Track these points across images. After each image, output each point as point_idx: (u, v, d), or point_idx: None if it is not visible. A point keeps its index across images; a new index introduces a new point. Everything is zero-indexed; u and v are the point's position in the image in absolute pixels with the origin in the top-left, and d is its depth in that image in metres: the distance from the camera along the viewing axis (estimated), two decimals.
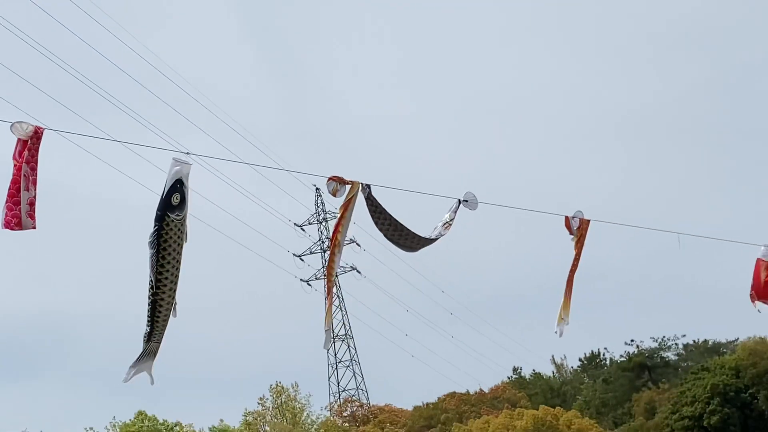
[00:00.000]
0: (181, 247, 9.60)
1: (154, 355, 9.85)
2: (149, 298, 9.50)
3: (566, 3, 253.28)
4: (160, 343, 9.81)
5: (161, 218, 9.30)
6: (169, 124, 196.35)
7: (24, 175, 8.95)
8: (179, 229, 9.46)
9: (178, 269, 9.62)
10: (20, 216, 8.91)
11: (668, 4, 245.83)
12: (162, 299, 9.53)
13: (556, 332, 15.21)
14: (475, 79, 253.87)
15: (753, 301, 16.53)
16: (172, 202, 9.29)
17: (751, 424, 60.41)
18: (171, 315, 9.73)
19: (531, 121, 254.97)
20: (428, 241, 13.14)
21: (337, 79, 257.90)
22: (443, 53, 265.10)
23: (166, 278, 9.47)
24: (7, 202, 8.89)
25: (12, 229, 8.95)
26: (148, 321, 9.59)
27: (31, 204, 9.02)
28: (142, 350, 9.65)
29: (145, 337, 9.61)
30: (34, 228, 9.12)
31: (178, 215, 9.32)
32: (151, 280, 9.40)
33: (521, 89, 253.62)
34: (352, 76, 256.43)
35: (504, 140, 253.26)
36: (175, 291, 9.69)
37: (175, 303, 9.77)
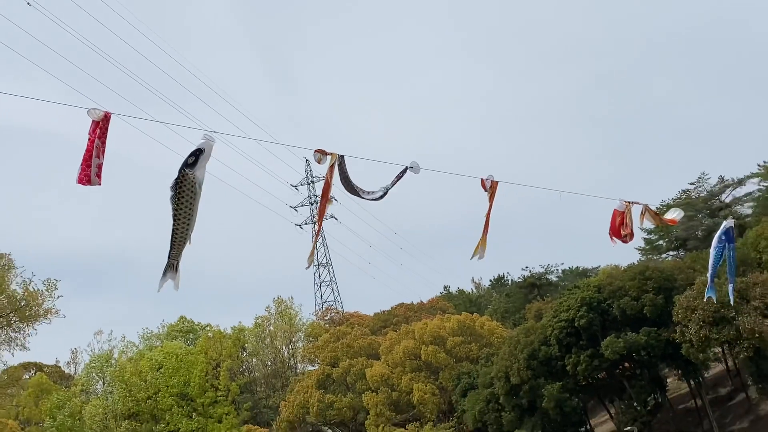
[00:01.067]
0: (195, 194, 9.63)
1: (175, 270, 9.95)
2: (172, 229, 9.71)
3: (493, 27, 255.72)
4: (178, 261, 9.92)
5: (180, 171, 9.45)
6: (199, 111, 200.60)
7: (96, 147, 9.50)
8: (191, 182, 9.46)
9: (190, 210, 9.64)
10: (90, 176, 9.50)
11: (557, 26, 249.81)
12: (177, 229, 9.68)
13: (471, 260, 15.14)
14: (426, 80, 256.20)
15: (612, 239, 16.12)
16: (188, 161, 9.40)
17: (608, 325, 64.04)
18: (186, 242, 9.82)
19: (468, 111, 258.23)
20: (377, 197, 12.73)
21: (321, 78, 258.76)
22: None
23: (180, 215, 9.60)
24: (81, 165, 9.47)
25: (84, 185, 9.53)
26: (170, 245, 9.81)
27: (99, 167, 9.57)
28: (165, 266, 9.89)
29: (168, 256, 9.85)
30: (100, 185, 9.67)
31: (190, 171, 9.37)
32: (172, 215, 9.62)
33: (460, 93, 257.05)
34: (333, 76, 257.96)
35: (449, 125, 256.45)
36: (188, 225, 9.74)
37: (190, 234, 9.81)
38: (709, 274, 19.70)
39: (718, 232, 18.27)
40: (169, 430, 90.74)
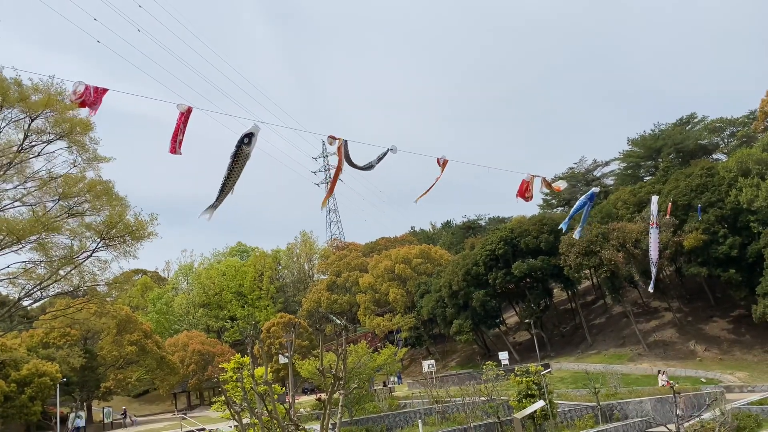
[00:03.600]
0: (243, 163, 9.42)
1: (215, 209, 9.59)
2: (221, 182, 9.43)
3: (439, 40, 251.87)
4: (219, 204, 9.56)
5: (237, 146, 9.29)
6: (249, 104, 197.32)
7: (180, 129, 9.36)
8: (245, 154, 9.31)
9: (239, 173, 9.41)
10: (175, 147, 9.44)
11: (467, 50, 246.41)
12: (227, 184, 9.40)
13: (415, 200, 15.20)
14: (406, 86, 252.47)
15: (518, 197, 15.79)
16: (244, 141, 9.25)
17: (517, 254, 64.32)
18: (231, 193, 9.51)
19: (432, 111, 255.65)
20: (367, 168, 12.86)
21: (335, 82, 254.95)
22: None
23: (232, 175, 9.36)
24: (171, 140, 9.38)
25: (172, 153, 9.45)
26: (219, 192, 9.46)
27: (180, 143, 9.44)
28: (210, 205, 9.55)
29: (216, 198, 9.50)
30: (181, 154, 9.49)
31: (245, 147, 9.27)
32: (225, 174, 9.37)
33: (426, 97, 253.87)
34: (343, 81, 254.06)
35: (417, 119, 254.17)
36: (234, 183, 9.46)
37: (234, 187, 9.52)
38: (568, 217, 19.94)
39: (586, 194, 18.49)
40: (229, 315, 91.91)
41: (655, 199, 20.55)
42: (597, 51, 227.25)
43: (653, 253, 21.00)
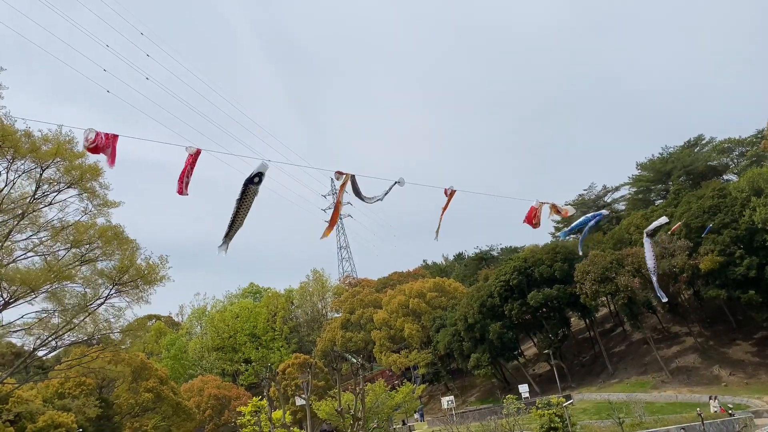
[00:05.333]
0: (253, 198, 9.54)
1: (227, 245, 9.66)
2: (230, 219, 9.55)
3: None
4: (231, 238, 9.61)
5: (246, 184, 9.41)
6: (257, 145, 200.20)
7: (187, 170, 9.53)
8: (253, 191, 9.45)
9: (247, 209, 9.53)
10: (182, 188, 9.57)
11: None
12: (236, 221, 9.52)
13: (435, 239, 15.57)
14: (410, 123, 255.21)
15: (524, 223, 15.78)
16: (253, 179, 9.40)
17: (531, 283, 63.43)
18: (240, 228, 9.61)
19: (438, 143, 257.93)
20: (376, 200, 12.91)
21: (340, 121, 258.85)
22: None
23: (241, 211, 9.49)
24: (179, 181, 9.53)
25: (180, 194, 9.59)
26: (229, 227, 9.55)
27: (188, 184, 9.59)
28: (223, 239, 9.58)
29: (226, 234, 9.55)
30: (188, 195, 9.60)
31: (254, 185, 9.44)
32: (234, 210, 9.48)
33: (431, 131, 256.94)
34: (348, 119, 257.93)
35: (424, 152, 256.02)
36: (243, 219, 9.59)
37: (243, 222, 9.64)
38: (572, 226, 19.83)
39: (594, 213, 18.68)
40: (243, 358, 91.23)
41: (663, 219, 20.30)
42: (601, 76, 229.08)
43: (650, 263, 20.81)
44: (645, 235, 20.31)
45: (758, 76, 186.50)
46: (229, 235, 9.72)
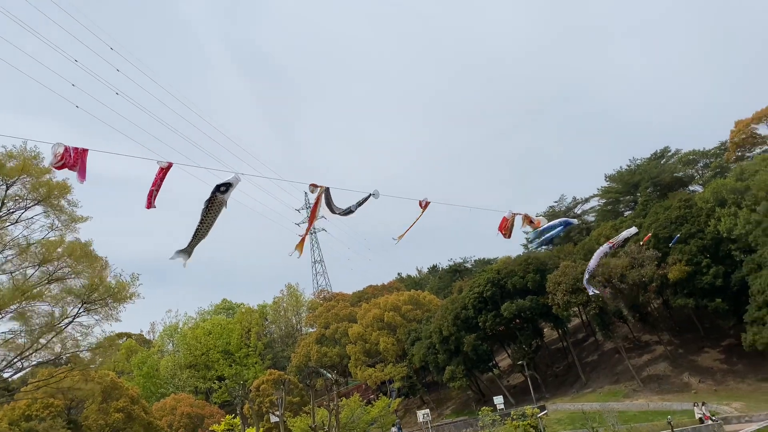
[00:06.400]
0: (218, 210, 9.38)
1: (189, 255, 9.39)
2: (195, 228, 9.33)
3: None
4: (193, 249, 9.37)
5: (213, 192, 9.24)
6: (229, 160, 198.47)
7: (157, 184, 9.31)
8: (220, 201, 9.29)
9: (213, 220, 9.32)
10: (151, 202, 9.38)
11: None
12: (201, 230, 9.29)
13: (395, 241, 15.24)
14: (383, 135, 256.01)
15: (498, 232, 15.87)
16: (221, 188, 9.24)
17: (504, 295, 63.62)
18: (204, 238, 9.35)
19: (411, 155, 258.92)
20: (349, 213, 12.72)
21: (314, 135, 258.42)
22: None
23: (206, 221, 9.29)
24: (148, 195, 9.29)
25: (148, 208, 9.45)
26: (193, 237, 9.34)
27: (155, 198, 9.37)
28: (184, 248, 9.37)
29: (189, 243, 9.34)
30: (155, 208, 9.41)
31: (220, 195, 9.26)
32: (199, 220, 9.29)
33: (404, 144, 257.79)
34: (322, 133, 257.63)
35: (398, 164, 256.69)
36: (208, 229, 9.36)
37: (208, 234, 9.38)
38: (544, 227, 19.83)
39: (565, 220, 18.71)
40: (216, 375, 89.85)
41: (632, 229, 20.60)
42: (571, 90, 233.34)
43: (592, 263, 21.13)
44: (607, 240, 20.60)
45: (721, 90, 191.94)
46: (191, 244, 9.48)
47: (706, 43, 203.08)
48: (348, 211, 12.83)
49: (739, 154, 74.12)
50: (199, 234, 9.48)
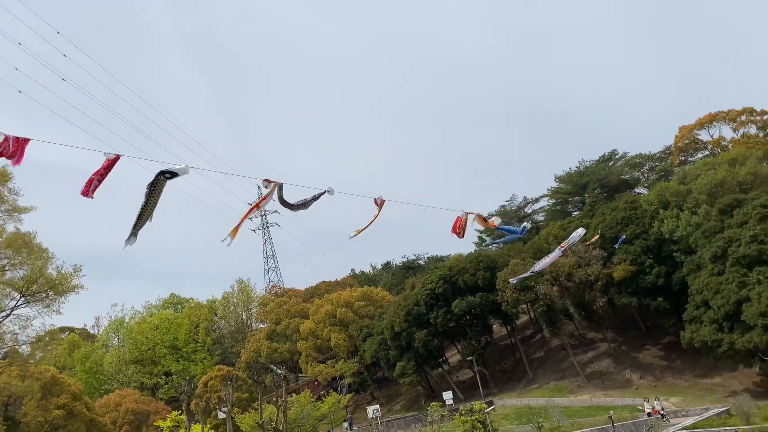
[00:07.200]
0: (160, 193, 9.22)
1: (136, 237, 9.35)
2: (139, 210, 9.23)
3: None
4: (138, 231, 9.33)
5: (157, 175, 9.11)
6: (183, 152, 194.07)
7: (100, 174, 8.98)
8: (162, 185, 9.13)
9: (155, 202, 9.21)
10: (89, 190, 9.00)
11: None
12: (144, 212, 9.20)
13: (350, 237, 15.13)
14: (337, 130, 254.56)
15: (453, 234, 15.74)
16: (166, 174, 9.11)
17: (456, 292, 64.04)
18: (149, 221, 9.32)
19: (365, 154, 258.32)
20: (302, 208, 12.67)
21: (269, 129, 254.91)
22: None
23: (149, 204, 9.17)
24: (87, 182, 8.95)
25: (84, 195, 9.01)
26: (137, 219, 9.25)
27: (96, 188, 9.04)
28: (130, 233, 9.32)
29: (133, 226, 9.28)
30: (92, 198, 9.05)
31: (164, 179, 9.10)
32: (143, 202, 9.18)
33: (358, 142, 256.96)
34: (277, 127, 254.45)
35: (352, 162, 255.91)
36: (152, 211, 9.26)
37: (151, 216, 9.31)
38: (503, 230, 20.06)
39: (511, 228, 19.04)
40: (163, 371, 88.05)
41: (580, 230, 21.08)
42: (522, 91, 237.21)
43: (538, 266, 21.71)
44: (556, 240, 21.20)
45: (667, 96, 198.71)
46: (136, 227, 9.38)
47: (656, 50, 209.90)
48: (302, 205, 12.70)
49: (683, 158, 77.03)
50: (144, 216, 9.36)
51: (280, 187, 11.93)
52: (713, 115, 74.24)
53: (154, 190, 9.26)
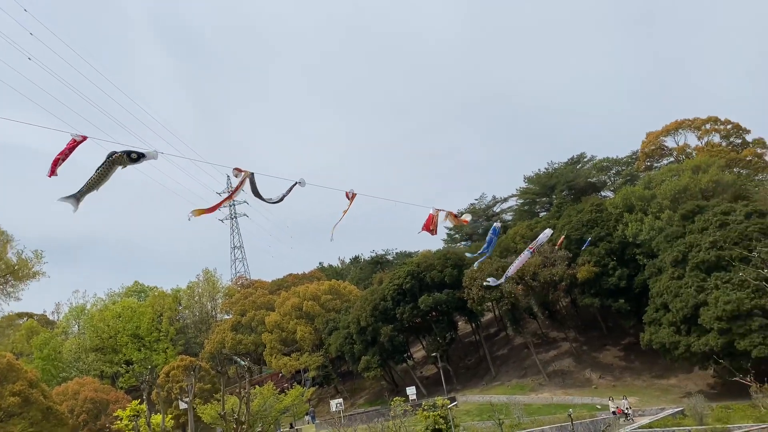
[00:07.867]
0: (113, 168, 8.98)
1: (78, 201, 9.01)
2: (90, 177, 9.02)
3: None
4: (83, 197, 9.03)
5: (121, 153, 8.96)
6: (151, 137, 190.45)
7: (65, 154, 8.79)
8: (120, 161, 8.87)
9: (107, 174, 8.93)
10: (54, 170, 8.80)
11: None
12: (95, 181, 8.97)
13: (331, 239, 15.17)
14: (311, 125, 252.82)
15: (424, 231, 15.78)
16: (131, 155, 8.96)
17: (423, 288, 64.64)
18: (95, 190, 9.02)
19: (338, 147, 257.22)
20: (275, 201, 12.43)
21: (241, 119, 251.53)
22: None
23: (102, 174, 8.92)
24: (52, 163, 8.76)
25: (50, 176, 8.84)
26: (85, 185, 9.03)
27: (59, 165, 8.83)
28: (73, 194, 9.04)
29: (79, 190, 9.02)
30: (57, 175, 8.84)
31: (128, 159, 8.92)
32: (96, 171, 8.98)
33: (332, 136, 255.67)
34: (249, 117, 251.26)
35: (326, 155, 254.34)
36: (102, 180, 9.00)
37: (98, 187, 9.04)
38: (484, 249, 20.59)
39: (492, 229, 19.23)
40: (124, 359, 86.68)
41: (548, 231, 21.42)
42: (493, 91, 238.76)
43: (512, 269, 22.18)
44: (528, 247, 21.41)
45: (636, 102, 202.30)
46: (82, 192, 9.08)
47: (629, 55, 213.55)
48: (277, 200, 12.54)
49: (649, 163, 78.57)
50: (91, 184, 9.08)
51: (252, 176, 11.65)
52: (679, 123, 75.92)
53: (111, 163, 9.02)
